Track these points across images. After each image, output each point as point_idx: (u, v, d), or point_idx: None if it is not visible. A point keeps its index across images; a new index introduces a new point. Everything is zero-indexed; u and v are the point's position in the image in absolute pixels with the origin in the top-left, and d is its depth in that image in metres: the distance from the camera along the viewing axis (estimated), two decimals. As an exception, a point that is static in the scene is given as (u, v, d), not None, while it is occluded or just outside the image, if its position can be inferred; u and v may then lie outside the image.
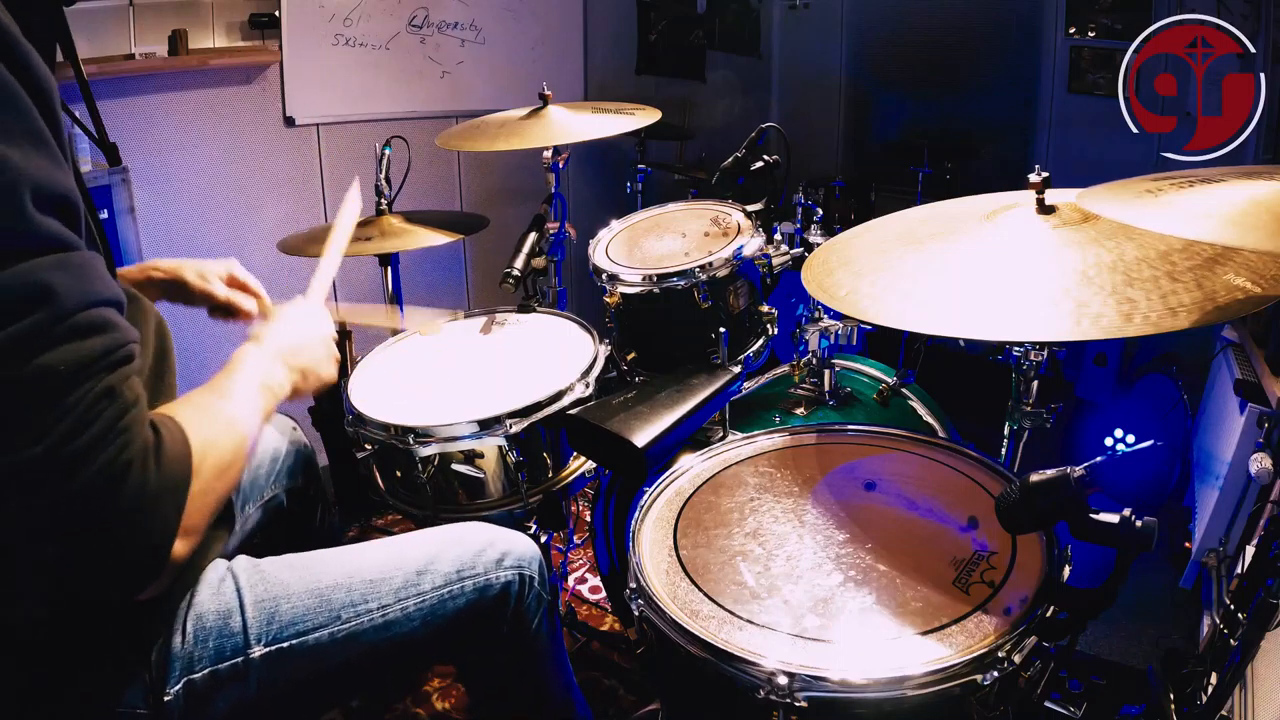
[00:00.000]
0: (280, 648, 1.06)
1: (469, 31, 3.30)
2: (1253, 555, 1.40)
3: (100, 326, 0.72)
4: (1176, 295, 0.96)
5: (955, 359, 2.50)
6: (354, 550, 1.22)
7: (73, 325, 0.70)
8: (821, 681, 0.89)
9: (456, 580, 1.19)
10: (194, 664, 1.00)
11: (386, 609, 1.14)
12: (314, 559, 1.18)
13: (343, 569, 1.16)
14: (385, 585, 1.15)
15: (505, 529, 1.30)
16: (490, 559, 1.23)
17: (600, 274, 1.80)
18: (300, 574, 1.13)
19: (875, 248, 1.28)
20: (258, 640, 1.05)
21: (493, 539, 1.26)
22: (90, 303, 0.72)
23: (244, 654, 1.03)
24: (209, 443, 0.84)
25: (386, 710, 1.93)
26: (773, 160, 1.85)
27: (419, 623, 1.16)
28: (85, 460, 0.69)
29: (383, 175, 2.15)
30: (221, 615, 1.04)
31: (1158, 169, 1.06)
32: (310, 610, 1.09)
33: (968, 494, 1.19)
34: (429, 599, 1.17)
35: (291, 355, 1.11)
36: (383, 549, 1.22)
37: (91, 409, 0.70)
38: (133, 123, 2.59)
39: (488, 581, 1.21)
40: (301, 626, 1.08)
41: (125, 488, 0.72)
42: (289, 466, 1.51)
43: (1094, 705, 1.76)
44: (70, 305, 0.70)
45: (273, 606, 1.08)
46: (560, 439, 1.60)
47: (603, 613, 2.28)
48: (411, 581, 1.17)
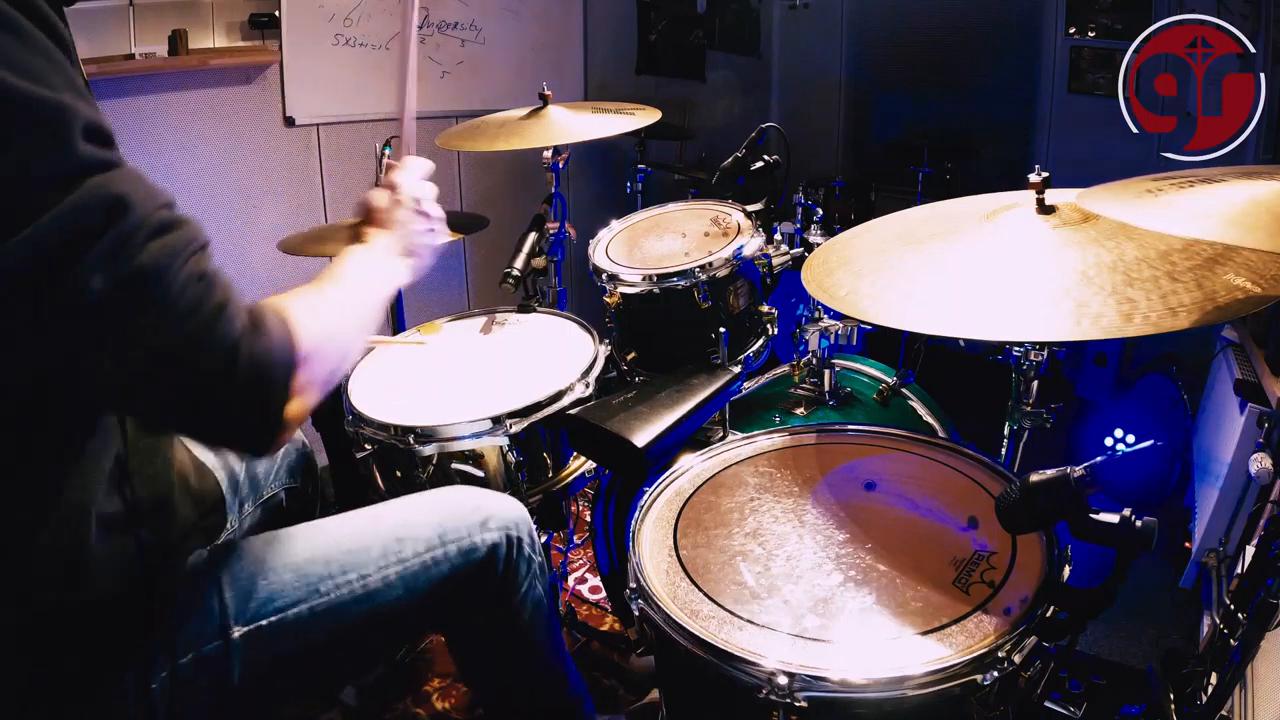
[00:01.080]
0: (259, 625, 1.04)
1: (469, 31, 3.30)
2: (1253, 555, 1.40)
3: (173, 222, 0.76)
4: (1176, 295, 0.96)
5: (955, 359, 2.50)
6: (333, 521, 1.19)
7: (154, 225, 0.74)
8: (821, 681, 0.89)
9: (439, 545, 1.17)
10: (177, 650, 0.99)
11: (367, 579, 1.11)
12: (291, 534, 1.15)
13: (321, 541, 1.13)
14: (365, 554, 1.13)
15: (491, 491, 1.28)
16: (474, 521, 1.21)
17: (600, 274, 1.80)
18: (276, 550, 1.11)
19: (875, 248, 1.28)
20: (236, 620, 1.03)
21: (477, 502, 1.24)
22: (159, 204, 0.76)
23: (224, 635, 1.02)
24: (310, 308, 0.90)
25: (386, 710, 1.93)
26: (773, 160, 1.85)
27: (402, 590, 1.13)
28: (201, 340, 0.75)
29: (383, 175, 2.15)
30: (201, 598, 1.03)
31: (1158, 169, 1.06)
32: (287, 585, 1.07)
33: (968, 494, 1.19)
34: (410, 565, 1.14)
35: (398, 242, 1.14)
36: (362, 518, 1.20)
37: (192, 293, 0.75)
38: (133, 123, 2.59)
39: (472, 544, 1.19)
40: (280, 602, 1.06)
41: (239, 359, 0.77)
42: (289, 465, 1.51)
43: (1094, 705, 1.76)
44: (146, 208, 0.73)
45: (249, 585, 1.05)
46: (560, 439, 1.60)
47: (603, 613, 2.28)
48: (391, 549, 1.14)
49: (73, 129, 0.70)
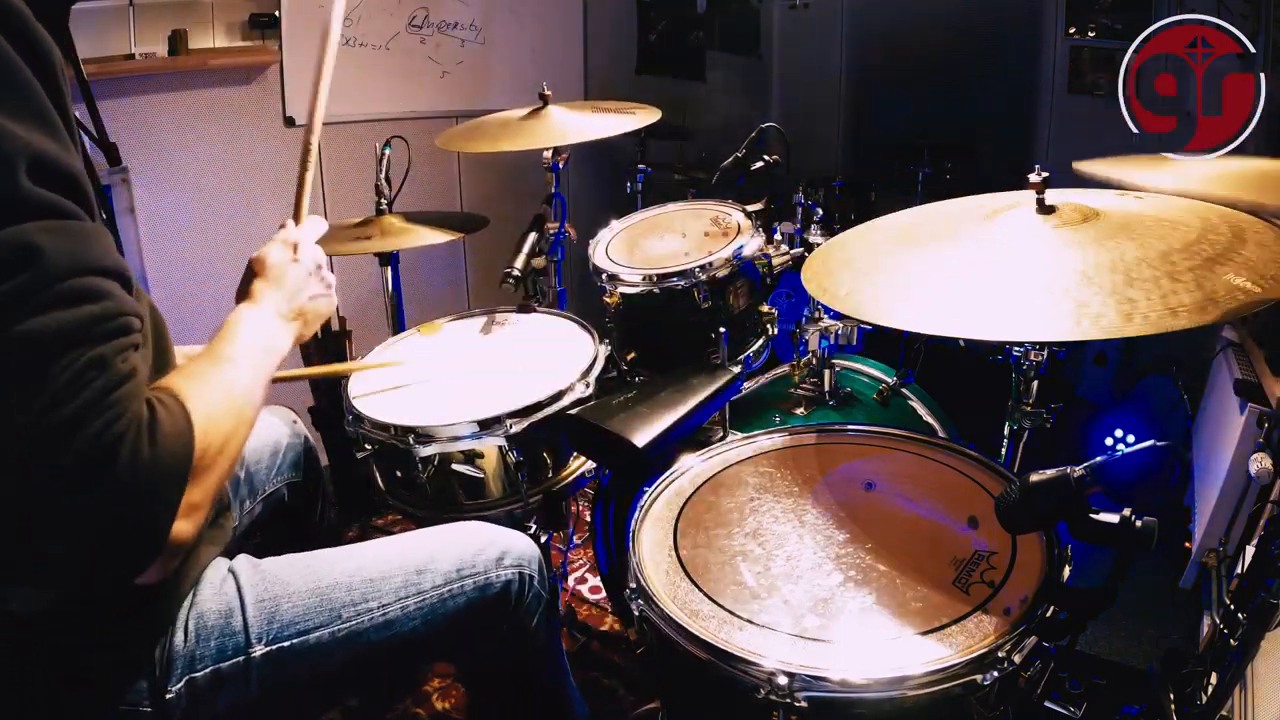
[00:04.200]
0: (281, 647, 1.06)
1: (469, 31, 3.30)
2: (1253, 555, 1.40)
3: (92, 294, 0.69)
4: (1176, 295, 0.96)
5: (955, 359, 2.50)
6: (354, 549, 1.22)
7: (62, 291, 0.66)
8: (821, 681, 0.89)
9: (457, 579, 1.19)
10: (196, 663, 1.00)
11: (387, 608, 1.14)
12: (314, 558, 1.18)
13: (343, 568, 1.16)
14: (386, 584, 1.15)
15: (505, 529, 1.30)
16: (490, 557, 1.23)
17: (600, 274, 1.80)
18: (301, 573, 1.13)
19: (875, 248, 1.28)
20: (259, 639, 1.05)
21: (493, 538, 1.26)
22: (84, 270, 0.68)
23: (245, 653, 1.04)
24: (210, 415, 0.80)
25: (386, 710, 1.93)
26: (773, 160, 1.86)
27: (419, 621, 1.16)
28: (71, 432, 0.65)
29: (383, 175, 2.15)
30: (223, 615, 1.05)
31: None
32: (311, 609, 1.09)
33: (968, 494, 1.19)
34: (429, 598, 1.17)
35: (287, 306, 1.10)
36: (383, 548, 1.22)
37: (78, 379, 0.66)
38: (133, 123, 2.59)
39: (488, 580, 1.21)
40: (302, 626, 1.08)
41: (116, 464, 0.67)
42: (291, 460, 1.52)
43: (1094, 705, 1.75)
44: (60, 270, 0.66)
45: (273, 606, 1.08)
46: (560, 439, 1.60)
47: (603, 613, 2.28)
48: (411, 580, 1.17)
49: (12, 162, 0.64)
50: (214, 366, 0.90)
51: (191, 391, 0.80)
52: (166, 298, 2.65)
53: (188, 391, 0.80)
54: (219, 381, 0.88)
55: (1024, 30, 3.06)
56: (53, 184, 0.67)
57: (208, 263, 2.82)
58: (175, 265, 2.75)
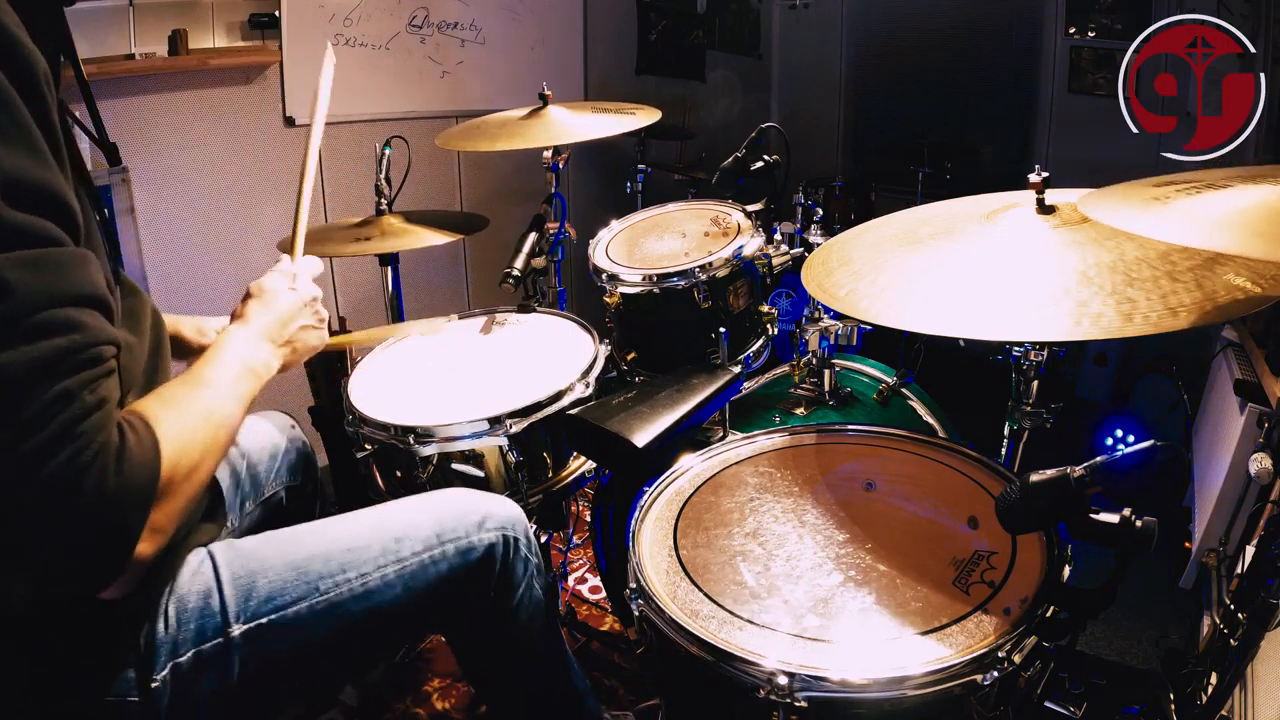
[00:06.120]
0: (259, 623, 1.04)
1: (469, 31, 3.30)
2: (1253, 555, 1.40)
3: (64, 327, 0.70)
4: (1176, 295, 0.96)
5: (955, 359, 2.50)
6: (333, 521, 1.20)
7: (32, 325, 0.68)
8: (821, 681, 0.89)
9: (437, 545, 1.18)
10: (178, 648, 0.99)
11: (366, 577, 1.12)
12: (291, 533, 1.16)
13: (321, 539, 1.14)
14: (364, 553, 1.13)
15: (488, 493, 1.29)
16: (471, 522, 1.22)
17: (600, 274, 1.80)
18: (277, 548, 1.12)
19: (875, 248, 1.28)
20: (237, 618, 1.03)
21: (474, 503, 1.25)
22: (57, 302, 0.70)
23: (224, 633, 1.02)
24: (180, 441, 0.83)
25: (386, 710, 1.93)
26: (773, 160, 1.85)
27: (400, 590, 1.14)
28: (39, 462, 0.68)
29: (382, 175, 2.15)
30: (201, 596, 1.03)
31: (1158, 169, 1.07)
32: (288, 583, 1.08)
33: (968, 494, 1.19)
34: (409, 565, 1.15)
35: (278, 331, 1.10)
36: (362, 517, 1.20)
37: (45, 411, 0.68)
38: (133, 123, 2.59)
39: (470, 544, 1.20)
40: (280, 600, 1.06)
41: (82, 492, 0.70)
42: (289, 464, 1.51)
43: (1094, 705, 1.75)
44: (31, 304, 0.67)
45: (249, 582, 1.06)
46: (560, 439, 1.60)
47: (603, 613, 2.28)
48: (390, 548, 1.15)
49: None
50: (191, 390, 0.93)
51: (164, 417, 0.83)
52: (166, 298, 2.65)
53: (160, 416, 0.82)
54: (194, 406, 0.90)
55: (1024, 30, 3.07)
56: (31, 207, 0.68)
57: (208, 263, 2.82)
58: (175, 265, 2.75)
